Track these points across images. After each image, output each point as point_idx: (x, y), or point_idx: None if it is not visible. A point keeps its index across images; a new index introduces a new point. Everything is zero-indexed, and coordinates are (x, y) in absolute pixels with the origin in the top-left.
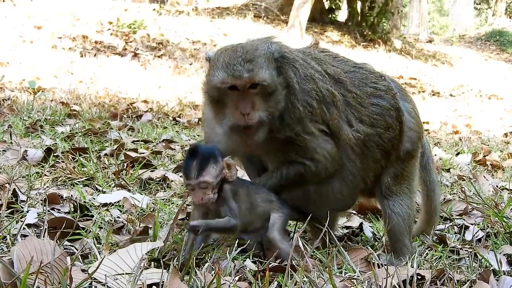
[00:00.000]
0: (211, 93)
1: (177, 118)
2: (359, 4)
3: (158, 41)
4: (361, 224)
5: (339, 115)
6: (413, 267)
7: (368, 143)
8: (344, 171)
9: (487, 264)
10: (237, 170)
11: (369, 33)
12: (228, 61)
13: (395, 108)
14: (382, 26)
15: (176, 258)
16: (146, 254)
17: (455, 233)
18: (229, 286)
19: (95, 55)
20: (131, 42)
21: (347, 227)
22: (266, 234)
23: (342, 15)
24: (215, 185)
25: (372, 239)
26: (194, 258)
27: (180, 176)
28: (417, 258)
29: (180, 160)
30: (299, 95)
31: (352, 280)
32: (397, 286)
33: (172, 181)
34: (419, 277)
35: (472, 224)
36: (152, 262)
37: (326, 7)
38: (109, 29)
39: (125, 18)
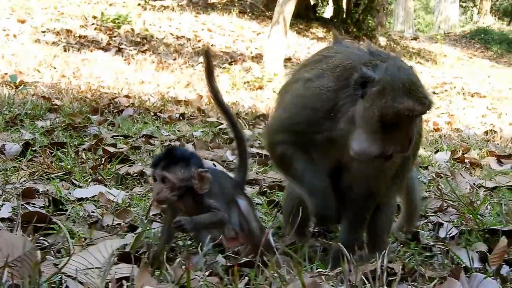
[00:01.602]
0: (386, 116)
1: (158, 113)
2: (344, 1)
3: (142, 36)
4: None
5: None
6: (384, 262)
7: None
8: None
9: (459, 261)
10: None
11: (354, 30)
12: (407, 87)
13: None
14: (367, 23)
15: (147, 253)
16: (117, 249)
17: (430, 230)
18: (199, 281)
19: (78, 49)
20: (115, 37)
21: None
22: (247, 226)
23: (327, 11)
24: (177, 188)
25: None
26: (165, 253)
27: None
28: (388, 254)
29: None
30: None
31: (323, 276)
32: (366, 282)
33: (149, 176)
34: (389, 272)
35: (446, 222)
36: (123, 257)
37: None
38: (93, 23)
39: (109, 12)
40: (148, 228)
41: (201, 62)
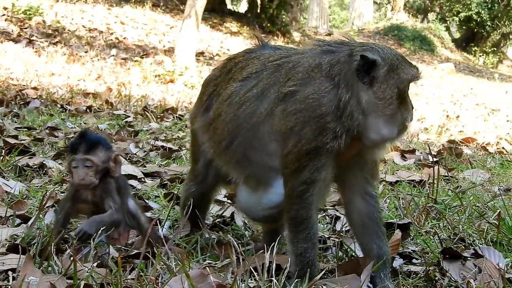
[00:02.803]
0: (401, 90)
1: (65, 106)
2: None
3: (54, 28)
4: (232, 213)
5: None
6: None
7: None
8: None
9: (353, 253)
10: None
11: (268, 25)
12: (404, 59)
13: None
14: (281, 18)
15: (36, 244)
16: (7, 240)
17: (327, 223)
18: (87, 272)
19: None
20: (26, 28)
21: (219, 216)
22: (137, 222)
23: (242, 6)
24: (99, 170)
25: (242, 228)
26: (54, 244)
27: (59, 164)
28: (277, 246)
29: (61, 148)
30: None
31: (212, 267)
32: (255, 274)
33: (50, 168)
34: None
35: (344, 215)
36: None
37: None
38: (4, 14)
39: (20, 4)
40: (41, 219)
41: (113, 55)
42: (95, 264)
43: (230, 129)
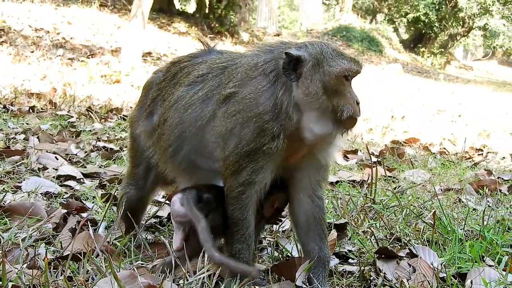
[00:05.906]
0: (329, 84)
1: (7, 106)
2: None
3: (0, 27)
4: (169, 213)
5: None
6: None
7: None
8: None
9: (288, 254)
10: None
11: (217, 25)
12: (337, 52)
13: None
14: (229, 18)
15: None
16: None
17: None
18: (17, 273)
19: None
20: None
21: (156, 217)
22: None
23: (191, 6)
24: None
25: None
26: None
27: None
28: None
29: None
30: None
31: (143, 268)
32: (187, 275)
33: None
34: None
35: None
36: None
37: None
38: None
39: None
40: None
41: (59, 55)
42: (25, 265)
43: (176, 134)
